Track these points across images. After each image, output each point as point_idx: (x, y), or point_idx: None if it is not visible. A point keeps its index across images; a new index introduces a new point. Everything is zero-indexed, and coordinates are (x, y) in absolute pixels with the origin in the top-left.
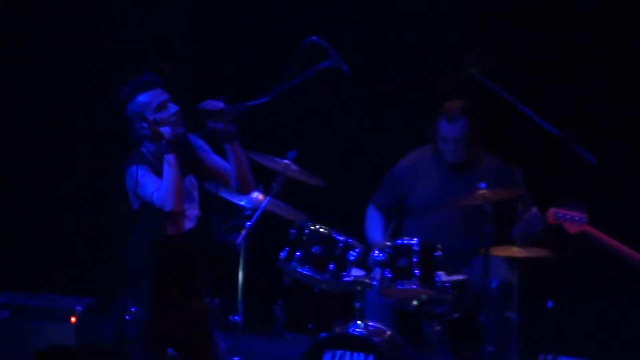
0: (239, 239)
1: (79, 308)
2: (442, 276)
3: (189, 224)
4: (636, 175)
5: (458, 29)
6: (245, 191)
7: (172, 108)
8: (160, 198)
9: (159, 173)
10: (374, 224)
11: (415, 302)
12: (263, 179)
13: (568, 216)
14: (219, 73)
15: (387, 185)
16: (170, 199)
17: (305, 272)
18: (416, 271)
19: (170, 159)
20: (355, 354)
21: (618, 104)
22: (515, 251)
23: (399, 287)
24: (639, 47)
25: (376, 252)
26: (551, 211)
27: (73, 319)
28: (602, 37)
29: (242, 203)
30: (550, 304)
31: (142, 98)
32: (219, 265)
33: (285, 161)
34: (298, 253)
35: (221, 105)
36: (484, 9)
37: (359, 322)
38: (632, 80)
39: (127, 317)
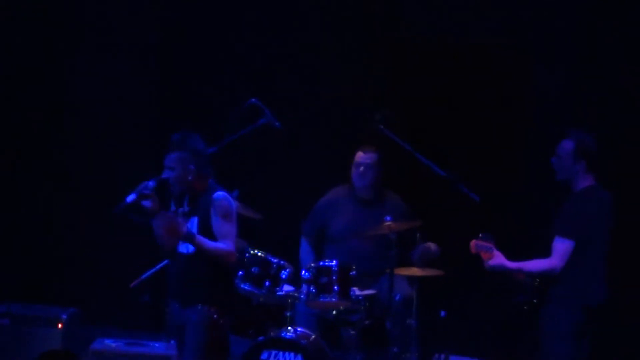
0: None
1: (65, 316)
2: (356, 291)
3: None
4: (506, 209)
5: (368, 93)
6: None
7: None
8: None
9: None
10: (304, 252)
11: (334, 312)
12: None
13: (484, 247)
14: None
15: (312, 218)
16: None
17: (246, 287)
18: (335, 287)
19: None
20: (287, 354)
21: (497, 151)
22: (415, 271)
23: (322, 299)
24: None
25: (303, 271)
26: (473, 243)
27: (60, 325)
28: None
29: None
30: (443, 313)
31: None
32: None
33: None
34: (240, 272)
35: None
36: (388, 77)
37: (289, 327)
38: (508, 134)
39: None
